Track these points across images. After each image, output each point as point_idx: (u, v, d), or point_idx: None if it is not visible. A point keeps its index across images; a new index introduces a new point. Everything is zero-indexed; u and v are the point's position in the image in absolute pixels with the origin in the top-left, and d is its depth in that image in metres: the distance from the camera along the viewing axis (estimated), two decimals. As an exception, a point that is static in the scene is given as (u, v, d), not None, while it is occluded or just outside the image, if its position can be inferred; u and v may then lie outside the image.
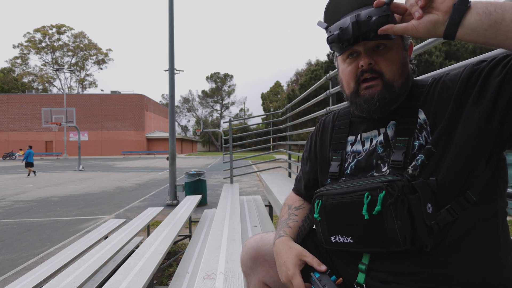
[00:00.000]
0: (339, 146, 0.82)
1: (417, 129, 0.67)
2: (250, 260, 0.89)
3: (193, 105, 63.91)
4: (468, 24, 0.53)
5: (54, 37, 46.96)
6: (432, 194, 0.61)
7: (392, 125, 0.72)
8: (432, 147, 0.63)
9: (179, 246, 3.94)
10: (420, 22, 0.57)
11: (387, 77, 0.68)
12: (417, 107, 0.68)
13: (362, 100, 0.71)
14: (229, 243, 1.93)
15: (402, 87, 0.70)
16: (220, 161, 23.81)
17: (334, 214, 0.69)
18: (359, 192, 0.64)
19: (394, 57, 0.68)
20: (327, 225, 0.70)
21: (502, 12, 0.50)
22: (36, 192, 8.59)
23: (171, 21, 7.12)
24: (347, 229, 0.67)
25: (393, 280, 0.66)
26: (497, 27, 0.50)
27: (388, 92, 0.69)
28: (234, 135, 5.15)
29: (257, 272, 0.88)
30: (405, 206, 0.59)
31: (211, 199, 7.09)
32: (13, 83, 45.76)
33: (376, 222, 0.62)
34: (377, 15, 0.61)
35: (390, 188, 0.60)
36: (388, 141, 0.71)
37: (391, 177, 0.63)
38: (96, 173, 14.20)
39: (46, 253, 3.75)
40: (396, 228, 0.60)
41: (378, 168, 0.71)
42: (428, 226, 0.60)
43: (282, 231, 0.85)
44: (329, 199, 0.70)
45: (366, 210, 0.61)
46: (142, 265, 1.79)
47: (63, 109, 18.79)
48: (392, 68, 0.68)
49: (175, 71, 7.29)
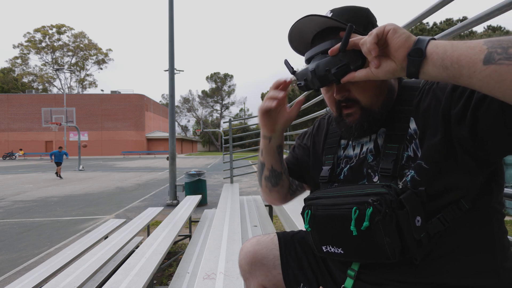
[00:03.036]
0: (331, 151, 0.82)
1: (407, 139, 0.65)
2: (248, 264, 0.89)
3: (193, 105, 63.98)
4: (428, 73, 0.51)
5: (54, 37, 47.02)
6: (421, 205, 0.60)
7: (382, 132, 0.71)
8: (423, 163, 0.61)
9: (179, 246, 3.95)
10: (379, 71, 0.56)
11: (363, 104, 0.67)
12: (409, 114, 0.66)
13: (344, 128, 0.72)
14: (229, 243, 1.93)
15: (383, 107, 0.68)
16: (220, 161, 23.81)
17: (324, 225, 0.68)
18: (347, 206, 0.63)
19: (367, 83, 0.66)
20: (318, 236, 0.70)
21: (459, 68, 0.47)
22: (36, 192, 8.59)
23: (171, 21, 7.12)
24: (337, 241, 0.66)
25: (384, 283, 0.66)
26: (456, 80, 0.48)
27: (367, 118, 0.68)
28: (234, 135, 5.15)
29: (256, 276, 0.88)
30: (393, 222, 0.58)
31: (211, 199, 7.09)
32: (13, 83, 45.78)
33: (364, 237, 0.61)
34: (335, 66, 0.60)
35: (378, 204, 0.59)
36: (378, 149, 0.70)
37: (378, 189, 0.61)
38: (96, 173, 14.20)
39: (46, 253, 3.75)
40: (385, 243, 0.59)
41: (369, 177, 0.70)
42: (418, 240, 0.59)
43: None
44: (318, 209, 0.69)
45: (354, 225, 0.61)
46: (142, 265, 1.79)
47: (63, 109, 18.79)
48: (367, 94, 0.67)
49: (175, 71, 7.29)
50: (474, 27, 1.37)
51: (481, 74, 0.45)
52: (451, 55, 0.47)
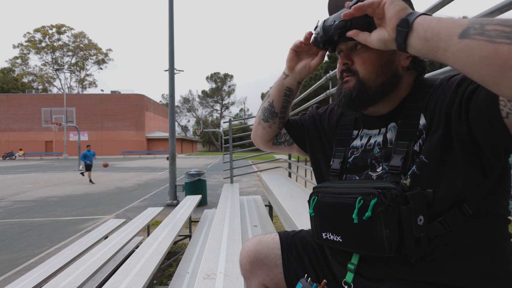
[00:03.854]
0: (343, 143, 0.81)
1: (416, 135, 0.65)
2: (249, 264, 0.89)
3: (193, 105, 63.97)
4: (413, 46, 0.52)
5: (54, 37, 47.00)
6: (426, 206, 0.60)
7: (392, 127, 0.71)
8: (423, 157, 0.62)
9: (179, 246, 3.95)
10: (372, 38, 0.59)
11: (361, 76, 0.68)
12: (419, 110, 0.66)
13: (337, 93, 0.73)
14: (229, 243, 1.93)
15: (381, 87, 0.68)
16: (220, 161, 23.80)
17: (327, 212, 0.70)
18: (353, 195, 0.64)
19: (370, 56, 0.67)
20: (319, 222, 0.71)
21: (438, 40, 0.47)
22: (36, 192, 8.59)
23: (171, 21, 7.12)
24: (338, 228, 0.67)
25: (383, 279, 0.66)
26: (434, 54, 0.49)
27: (358, 90, 0.69)
28: (234, 135, 5.15)
29: (257, 275, 0.88)
30: (395, 216, 0.58)
31: (211, 199, 7.09)
32: (13, 83, 45.77)
33: (365, 227, 0.61)
34: (339, 19, 0.64)
35: (382, 196, 0.59)
36: (386, 143, 0.71)
37: (387, 184, 0.62)
38: (96, 173, 14.19)
39: (46, 253, 3.75)
40: (383, 236, 0.59)
41: (373, 167, 0.71)
42: (416, 238, 0.59)
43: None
44: (324, 196, 0.71)
45: (356, 214, 0.61)
46: (142, 265, 1.79)
47: (63, 109, 18.80)
48: (367, 67, 0.68)
49: (175, 71, 7.29)
50: (474, 27, 1.36)
51: (455, 48, 0.45)
52: (434, 27, 0.48)
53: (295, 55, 0.83)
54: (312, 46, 0.79)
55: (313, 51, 0.81)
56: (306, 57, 0.83)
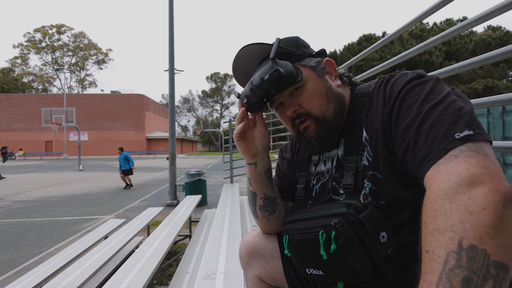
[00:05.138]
0: (302, 167, 0.82)
1: (361, 148, 0.65)
2: (247, 254, 0.90)
3: (193, 105, 63.94)
4: None
5: (54, 37, 46.98)
6: (385, 220, 0.59)
7: (342, 143, 0.71)
8: (377, 173, 0.61)
9: (179, 246, 3.94)
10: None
11: (315, 114, 0.68)
12: (361, 122, 0.66)
13: (305, 142, 0.72)
14: (229, 243, 1.93)
15: (336, 114, 0.69)
16: (220, 161, 23.80)
17: (300, 249, 0.68)
18: (315, 229, 0.63)
19: (312, 92, 0.68)
20: (300, 259, 0.70)
21: None
22: (36, 192, 8.59)
23: (171, 21, 7.12)
24: (316, 263, 0.66)
25: None
26: None
27: (323, 128, 0.68)
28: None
29: (254, 267, 0.89)
30: (356, 242, 0.57)
31: (211, 199, 7.08)
32: (13, 83, 45.75)
33: (337, 258, 0.60)
34: (267, 73, 0.65)
35: (340, 227, 0.58)
36: (339, 162, 0.71)
37: (341, 209, 0.61)
38: (96, 173, 14.19)
39: (46, 253, 3.75)
40: (355, 263, 0.59)
41: (335, 190, 0.71)
42: (384, 256, 0.58)
43: None
44: (294, 234, 0.69)
45: (323, 249, 0.60)
46: (142, 265, 1.79)
47: (63, 109, 18.78)
48: (315, 102, 0.68)
49: (175, 71, 7.29)
50: (474, 27, 1.37)
51: None
52: None
53: (244, 141, 0.78)
54: (249, 121, 0.77)
55: (252, 125, 0.78)
56: (251, 134, 0.79)
